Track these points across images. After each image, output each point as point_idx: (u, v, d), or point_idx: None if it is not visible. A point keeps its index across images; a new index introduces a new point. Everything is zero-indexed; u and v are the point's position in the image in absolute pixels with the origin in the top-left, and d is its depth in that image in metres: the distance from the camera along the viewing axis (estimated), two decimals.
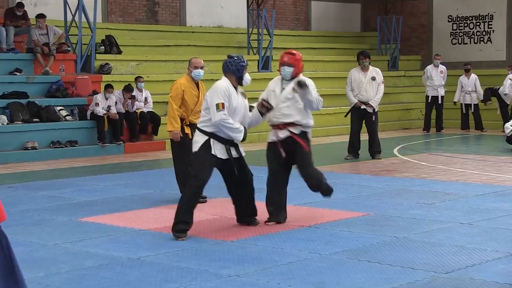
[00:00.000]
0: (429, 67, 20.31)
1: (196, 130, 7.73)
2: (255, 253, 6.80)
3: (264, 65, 21.03)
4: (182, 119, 9.37)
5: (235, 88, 7.76)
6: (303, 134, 8.15)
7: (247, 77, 7.88)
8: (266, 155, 8.36)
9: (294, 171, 8.37)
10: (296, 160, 8.17)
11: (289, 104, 8.08)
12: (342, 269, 6.23)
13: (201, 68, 9.58)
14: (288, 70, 8.16)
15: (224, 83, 7.72)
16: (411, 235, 7.49)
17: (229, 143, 7.64)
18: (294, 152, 8.11)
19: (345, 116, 14.48)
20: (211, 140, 7.53)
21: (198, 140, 7.60)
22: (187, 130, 9.33)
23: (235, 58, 7.86)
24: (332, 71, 22.41)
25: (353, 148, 14.16)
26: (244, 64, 7.82)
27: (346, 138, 14.88)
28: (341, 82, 18.66)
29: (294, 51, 8.27)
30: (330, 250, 6.88)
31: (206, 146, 7.53)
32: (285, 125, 8.09)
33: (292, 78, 8.16)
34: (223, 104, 7.50)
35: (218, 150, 7.57)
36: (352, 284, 5.82)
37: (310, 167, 8.18)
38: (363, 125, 14.13)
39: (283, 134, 8.11)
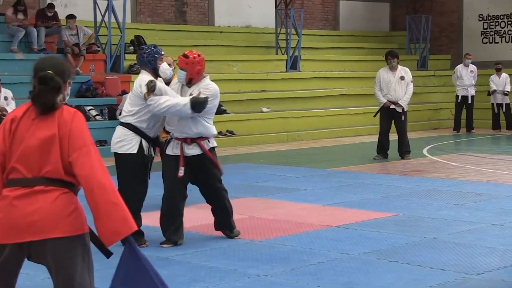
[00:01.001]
0: (459, 67, 20.14)
1: (122, 127, 7.11)
2: (284, 253, 6.78)
3: (293, 65, 21.00)
4: None
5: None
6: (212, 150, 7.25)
7: (163, 67, 7.21)
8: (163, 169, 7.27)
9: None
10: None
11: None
12: (371, 270, 6.20)
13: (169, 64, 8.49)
14: (181, 74, 7.17)
15: (145, 76, 7.10)
16: (441, 236, 7.42)
17: (151, 142, 7.14)
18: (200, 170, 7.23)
19: (374, 116, 14.41)
20: (141, 139, 7.03)
21: (132, 139, 7.00)
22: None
23: (146, 48, 7.26)
24: (360, 70, 22.33)
25: (382, 148, 14.08)
26: (157, 54, 7.18)
27: (375, 138, 14.81)
28: (370, 82, 18.60)
29: (191, 54, 7.24)
30: (359, 251, 6.84)
31: (140, 149, 7.01)
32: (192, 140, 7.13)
33: (188, 82, 7.20)
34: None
35: (145, 148, 7.07)
36: (381, 284, 5.79)
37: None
38: (392, 125, 14.05)
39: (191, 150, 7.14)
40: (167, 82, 7.53)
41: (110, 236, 3.75)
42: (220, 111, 17.66)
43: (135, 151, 7.02)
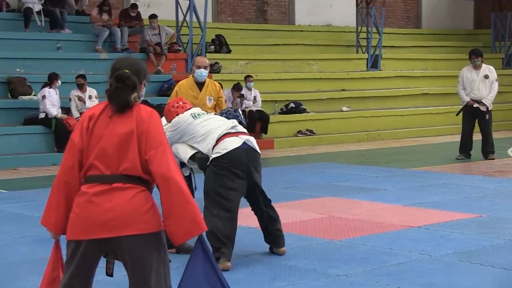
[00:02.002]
0: None
1: None
2: (364, 253, 6.73)
3: (373, 64, 20.84)
4: None
5: None
6: None
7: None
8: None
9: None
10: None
11: None
12: (453, 272, 6.09)
13: (204, 68, 8.45)
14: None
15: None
16: None
17: None
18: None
19: (457, 114, 14.17)
20: None
21: None
22: None
23: (238, 114, 7.11)
24: (443, 69, 21.99)
25: (465, 148, 13.82)
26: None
27: (457, 138, 14.54)
28: (452, 81, 18.31)
29: (167, 105, 6.91)
30: (440, 252, 6.73)
31: None
32: None
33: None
34: None
35: None
36: (463, 287, 5.68)
37: None
38: (476, 124, 13.78)
39: None
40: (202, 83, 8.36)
41: (182, 235, 3.77)
42: (299, 110, 17.68)
43: None
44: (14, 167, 13.02)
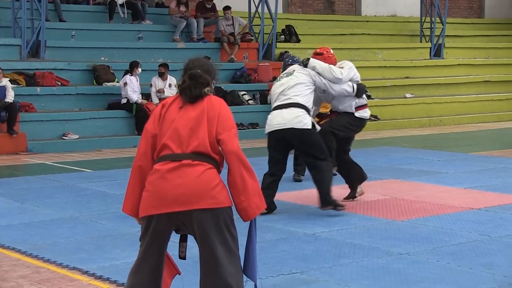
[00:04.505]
0: None
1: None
2: (425, 233, 6.65)
3: (436, 52, 20.51)
4: None
5: None
6: None
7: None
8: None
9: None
10: None
11: None
12: None
13: None
14: None
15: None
16: None
17: None
18: None
19: None
20: None
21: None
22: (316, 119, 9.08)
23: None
24: (504, 57, 21.49)
25: None
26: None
27: None
28: None
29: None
30: (500, 233, 6.60)
31: None
32: None
33: None
34: None
35: None
36: None
37: None
38: None
39: None
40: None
41: (254, 210, 3.91)
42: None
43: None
44: (98, 149, 13.28)
